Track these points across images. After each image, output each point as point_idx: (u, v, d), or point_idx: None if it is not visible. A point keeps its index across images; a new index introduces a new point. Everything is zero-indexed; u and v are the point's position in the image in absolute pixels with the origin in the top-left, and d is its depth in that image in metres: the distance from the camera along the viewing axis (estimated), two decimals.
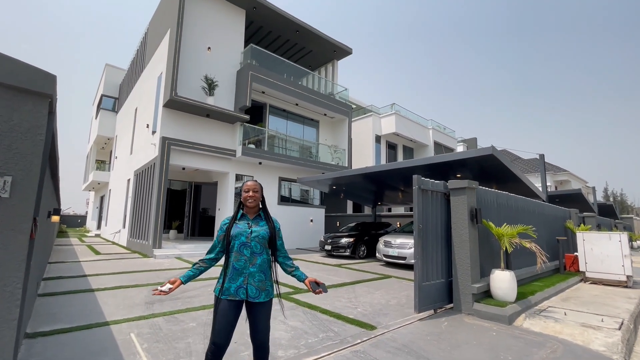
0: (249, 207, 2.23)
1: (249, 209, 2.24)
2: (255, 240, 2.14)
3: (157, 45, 13.06)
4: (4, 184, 1.35)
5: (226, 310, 2.04)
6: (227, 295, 2.06)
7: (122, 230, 14.47)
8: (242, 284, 2.08)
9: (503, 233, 4.75)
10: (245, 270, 2.09)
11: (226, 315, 2.04)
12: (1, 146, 1.36)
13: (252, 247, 2.12)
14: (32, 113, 1.45)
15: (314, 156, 15.31)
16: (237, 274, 2.09)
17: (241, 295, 2.07)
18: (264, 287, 2.13)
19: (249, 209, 2.25)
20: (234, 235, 2.13)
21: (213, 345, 2.03)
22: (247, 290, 2.08)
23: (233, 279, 2.09)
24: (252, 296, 2.08)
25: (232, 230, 2.15)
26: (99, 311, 4.27)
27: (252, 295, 2.08)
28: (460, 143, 27.50)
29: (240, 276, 2.09)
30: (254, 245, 2.13)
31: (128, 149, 15.78)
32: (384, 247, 9.47)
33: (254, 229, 2.17)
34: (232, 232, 2.14)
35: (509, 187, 10.12)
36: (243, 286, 2.08)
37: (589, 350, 3.42)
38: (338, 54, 16.87)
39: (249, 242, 2.13)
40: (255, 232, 2.15)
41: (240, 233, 2.14)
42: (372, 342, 3.44)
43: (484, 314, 4.35)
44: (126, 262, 8.74)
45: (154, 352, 3.02)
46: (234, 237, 2.13)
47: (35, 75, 1.46)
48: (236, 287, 2.07)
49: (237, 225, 2.18)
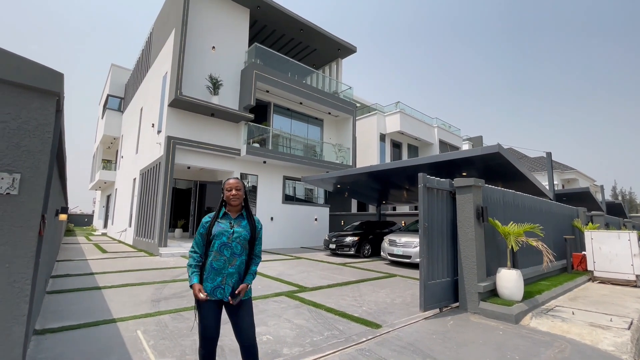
0: (232, 206, 2.19)
1: (231, 207, 2.19)
2: (237, 241, 2.10)
3: (162, 45, 13.13)
4: (12, 181, 1.37)
5: (207, 308, 2.03)
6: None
7: (128, 229, 14.60)
8: (220, 284, 2.05)
9: (510, 231, 4.70)
10: (224, 270, 2.06)
11: (210, 312, 2.03)
12: (10, 144, 1.38)
13: (233, 247, 2.09)
14: (39, 111, 1.46)
15: (319, 155, 15.30)
16: (215, 274, 2.06)
17: (218, 295, 2.04)
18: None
19: (232, 208, 2.20)
20: (215, 234, 2.09)
21: (203, 340, 2.03)
22: (224, 289, 2.05)
23: (210, 279, 2.05)
24: (229, 296, 2.05)
25: (214, 229, 2.10)
26: (106, 308, 4.32)
27: (230, 295, 2.06)
28: (465, 141, 27.27)
29: (218, 276, 2.06)
30: (235, 246, 2.09)
31: (134, 149, 15.91)
32: (389, 246, 9.44)
33: (235, 229, 2.12)
34: (214, 231, 2.10)
35: (515, 185, 10.02)
36: (221, 286, 2.05)
37: (597, 350, 3.37)
38: (342, 53, 16.83)
39: (230, 243, 2.09)
40: (237, 233, 2.11)
41: (222, 233, 2.09)
42: (378, 341, 3.43)
43: (490, 313, 4.31)
44: (132, 261, 8.82)
45: (160, 349, 3.05)
46: (214, 237, 2.08)
47: (43, 73, 1.47)
48: (213, 287, 2.04)
49: (219, 224, 2.13)
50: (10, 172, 1.37)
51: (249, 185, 13.19)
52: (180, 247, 10.63)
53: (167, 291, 5.38)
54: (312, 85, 15.13)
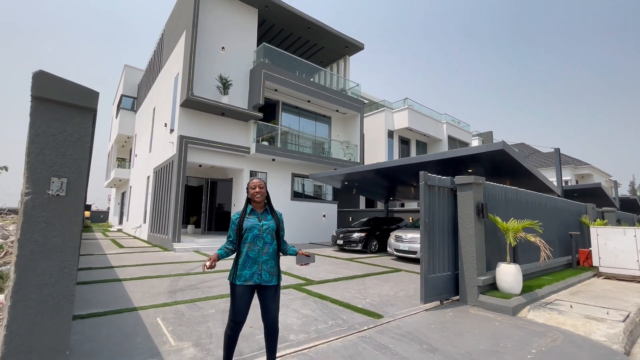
0: (257, 202, 2.49)
1: (256, 204, 2.50)
2: (266, 232, 2.41)
3: (173, 47, 13.49)
4: (61, 184, 1.64)
5: (242, 293, 2.32)
6: (243, 280, 2.32)
7: (142, 225, 15.14)
8: (257, 271, 2.34)
9: (508, 227, 4.85)
10: (259, 258, 2.36)
11: (243, 297, 2.31)
12: (58, 153, 1.64)
13: (264, 237, 2.40)
14: (80, 124, 1.73)
15: (326, 152, 15.51)
16: (251, 262, 2.35)
17: (256, 280, 2.33)
18: (274, 272, 2.40)
19: (257, 204, 2.51)
20: (246, 228, 2.39)
21: (233, 322, 2.31)
22: (261, 275, 2.34)
23: (248, 267, 2.35)
24: (265, 280, 2.35)
25: (244, 224, 2.41)
26: (128, 298, 4.66)
27: (266, 279, 2.35)
28: (475, 137, 27.02)
29: (255, 264, 2.35)
30: (265, 236, 2.40)
31: (147, 147, 16.40)
32: (395, 242, 9.63)
33: (264, 222, 2.44)
34: (245, 226, 2.40)
35: (522, 181, 10.06)
36: (258, 272, 2.34)
37: (589, 340, 3.53)
38: (350, 50, 16.93)
39: (261, 234, 2.39)
40: (266, 225, 2.43)
41: (253, 226, 2.40)
42: (378, 329, 3.66)
43: (489, 305, 4.49)
44: (148, 255, 9.24)
45: (179, 334, 3.35)
46: (246, 230, 2.39)
47: (83, 93, 1.73)
48: (251, 273, 2.34)
49: (248, 219, 2.44)
50: (59, 177, 1.64)
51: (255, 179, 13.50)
52: (193, 242, 11.03)
53: (182, 283, 5.71)
54: (320, 83, 15.30)
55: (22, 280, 1.51)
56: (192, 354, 2.90)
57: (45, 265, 1.57)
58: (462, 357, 3.01)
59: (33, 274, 1.54)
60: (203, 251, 10.29)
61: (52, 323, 1.57)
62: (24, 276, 1.52)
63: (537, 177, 8.92)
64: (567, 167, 33.22)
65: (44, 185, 1.60)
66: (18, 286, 1.50)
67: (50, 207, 1.61)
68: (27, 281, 1.52)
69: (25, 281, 1.52)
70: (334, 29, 15.34)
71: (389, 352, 3.07)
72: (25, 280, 1.52)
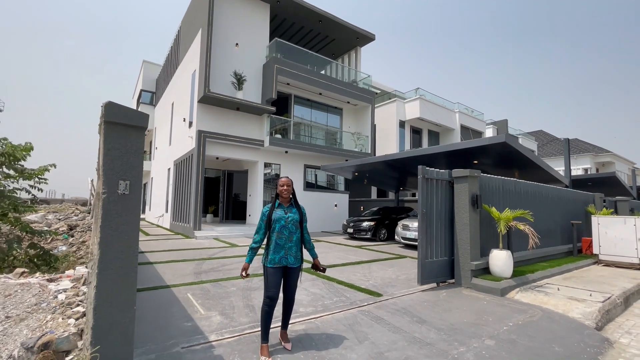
0: (284, 198, 2.96)
1: (283, 199, 2.96)
2: (291, 223, 2.90)
3: (189, 44, 14.07)
4: (126, 185, 2.21)
5: (273, 273, 2.86)
6: (273, 264, 2.86)
7: (165, 215, 16.12)
8: (284, 255, 2.89)
9: (500, 217, 5.24)
10: (286, 245, 2.89)
11: (274, 277, 2.86)
12: (123, 162, 2.21)
13: (289, 227, 2.89)
14: (136, 140, 2.29)
15: (338, 144, 15.93)
16: (280, 248, 2.88)
17: (283, 263, 2.88)
18: (298, 256, 2.96)
19: (284, 199, 2.96)
20: (274, 220, 2.87)
21: (267, 298, 2.84)
22: (287, 259, 2.89)
23: (277, 252, 2.88)
24: (291, 263, 2.90)
25: (273, 216, 2.89)
26: (161, 278, 5.37)
27: (291, 262, 2.90)
28: (489, 126, 26.69)
29: (282, 249, 2.89)
30: (290, 227, 2.89)
31: (167, 141, 17.26)
32: (402, 230, 10.08)
33: (289, 215, 2.91)
34: (273, 217, 2.88)
35: (529, 172, 10.24)
36: (285, 257, 2.89)
37: (565, 317, 3.96)
38: (361, 41, 17.06)
39: (287, 225, 2.88)
40: (291, 217, 2.91)
41: (280, 218, 2.88)
42: (377, 305, 4.20)
43: (481, 287, 4.94)
44: (172, 242, 10.06)
45: (207, 306, 3.99)
46: (274, 221, 2.87)
47: (137, 116, 2.29)
48: (279, 257, 2.88)
49: (276, 212, 2.91)
50: (124, 180, 2.21)
51: (272, 173, 14.14)
52: (213, 230, 11.82)
53: (206, 266, 6.41)
54: (331, 76, 15.62)
55: (104, 255, 2.11)
56: (219, 321, 3.53)
57: (118, 245, 2.16)
58: (446, 327, 3.52)
59: (110, 250, 2.13)
60: (222, 238, 11.06)
61: (124, 285, 2.17)
62: (105, 252, 2.11)
63: (542, 168, 9.11)
64: (587, 155, 32.33)
65: (114, 187, 2.17)
66: (102, 259, 2.09)
67: (119, 203, 2.18)
68: (107, 256, 2.12)
69: (106, 255, 2.11)
70: (344, 21, 15.51)
71: (383, 322, 3.61)
72: (106, 255, 2.11)
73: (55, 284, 2.90)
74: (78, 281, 3.03)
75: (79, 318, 2.42)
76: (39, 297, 2.57)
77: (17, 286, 2.65)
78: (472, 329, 3.49)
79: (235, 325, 3.42)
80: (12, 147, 4.59)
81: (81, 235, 7.37)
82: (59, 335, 2.21)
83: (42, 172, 5.12)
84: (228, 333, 3.21)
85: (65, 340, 2.22)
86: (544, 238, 6.96)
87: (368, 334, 3.28)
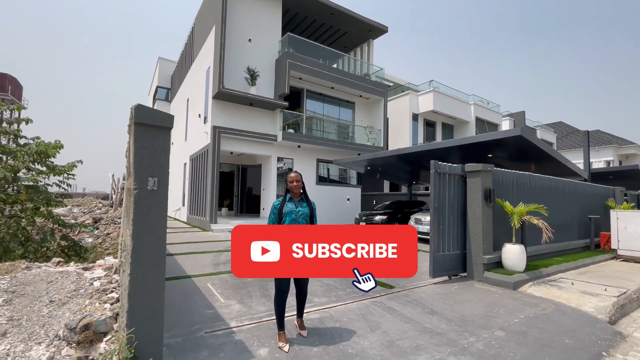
0: (294, 193, 3.05)
1: (294, 194, 3.06)
2: (301, 217, 2.97)
3: (203, 41, 14.30)
4: (154, 182, 2.39)
5: None
6: None
7: (182, 208, 16.60)
8: None
9: (513, 211, 5.24)
10: None
11: None
12: (151, 160, 2.39)
13: (299, 221, 2.96)
14: (163, 139, 2.46)
15: (350, 137, 15.95)
16: None
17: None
18: None
19: (294, 194, 3.06)
20: (285, 213, 2.96)
21: (279, 291, 2.98)
22: None
23: None
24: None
25: (284, 209, 2.98)
26: (181, 269, 5.64)
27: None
28: (506, 118, 26.05)
29: None
30: (300, 220, 2.96)
31: (183, 136, 17.67)
32: (415, 224, 10.12)
33: (299, 209, 2.99)
34: (284, 211, 2.97)
35: (546, 165, 10.05)
36: None
37: (577, 311, 3.98)
38: (373, 34, 16.90)
39: (297, 219, 2.95)
40: (301, 211, 2.98)
41: (291, 211, 2.96)
42: (389, 297, 4.32)
43: (493, 281, 4.99)
44: (190, 235, 10.42)
45: (226, 295, 4.20)
46: (285, 215, 2.96)
47: (164, 117, 2.45)
48: None
49: (287, 206, 3.00)
50: (153, 177, 2.39)
51: (285, 167, 14.33)
52: (228, 223, 12.13)
53: (223, 258, 6.66)
54: (344, 70, 15.58)
55: (137, 246, 2.30)
56: (238, 309, 3.73)
57: (148, 237, 2.35)
58: (457, 318, 3.61)
59: (142, 242, 2.33)
60: None
61: (154, 273, 2.37)
62: (137, 244, 2.31)
63: (560, 161, 8.94)
64: (610, 147, 31.19)
65: (144, 183, 2.35)
66: (134, 250, 2.29)
67: (149, 198, 2.37)
68: (139, 247, 2.31)
69: (138, 246, 2.31)
70: (356, 14, 15.40)
71: (395, 312, 3.73)
72: (138, 246, 2.31)
73: (90, 273, 3.16)
74: (110, 270, 3.28)
75: (113, 303, 2.65)
76: (77, 284, 2.81)
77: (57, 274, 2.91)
78: (483, 321, 3.57)
79: (254, 313, 3.61)
80: (44, 145, 4.90)
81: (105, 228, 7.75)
82: (97, 318, 2.43)
83: (70, 169, 5.43)
84: (247, 320, 3.40)
85: (103, 323, 2.44)
86: (559, 232, 6.90)
87: (380, 324, 3.41)
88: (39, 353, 2.15)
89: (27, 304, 2.51)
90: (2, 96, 32.66)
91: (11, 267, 2.87)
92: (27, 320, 2.39)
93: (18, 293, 2.58)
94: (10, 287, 2.59)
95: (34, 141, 4.94)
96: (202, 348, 2.77)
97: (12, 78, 37.25)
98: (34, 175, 5.03)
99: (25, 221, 4.79)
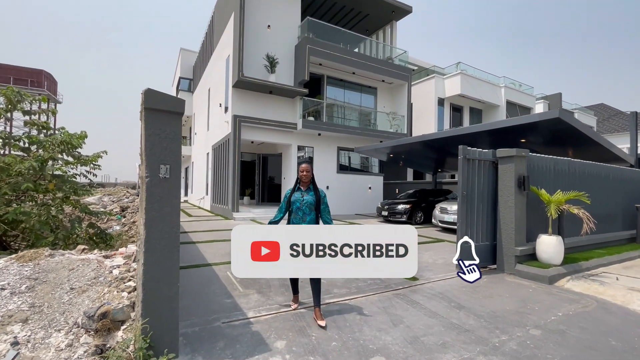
0: (304, 182, 3.24)
1: (303, 183, 3.25)
2: (306, 205, 3.18)
3: (222, 29, 14.22)
4: (166, 169, 2.31)
5: None
6: None
7: (205, 197, 16.98)
8: None
9: (550, 199, 4.82)
10: (300, 224, 3.12)
11: None
12: (162, 147, 2.30)
13: (304, 209, 3.17)
14: (175, 125, 2.36)
15: (372, 124, 15.53)
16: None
17: None
18: None
19: (304, 183, 3.25)
20: (292, 201, 3.22)
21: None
22: None
23: None
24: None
25: (292, 197, 3.24)
26: (202, 257, 5.70)
27: None
28: (540, 101, 24.45)
29: None
30: (304, 208, 3.18)
31: (205, 126, 17.92)
32: (440, 214, 9.74)
33: (305, 197, 3.20)
34: (292, 199, 3.23)
35: (586, 150, 9.29)
36: None
37: (624, 309, 3.61)
38: (397, 15, 16.15)
39: (302, 207, 3.18)
40: (306, 200, 3.19)
41: (297, 200, 3.21)
42: (412, 289, 4.13)
43: (525, 274, 4.66)
44: (213, 223, 10.61)
45: (245, 284, 4.17)
46: (292, 203, 3.21)
47: (175, 102, 2.35)
48: None
49: (295, 194, 3.26)
50: (165, 164, 2.31)
51: (306, 156, 14.20)
52: (250, 212, 12.26)
53: None
54: (365, 54, 15.06)
55: (149, 235, 2.25)
56: (257, 299, 3.68)
57: (161, 225, 2.29)
58: (486, 314, 3.37)
59: (155, 231, 2.27)
60: (259, 220, 11.44)
61: (168, 262, 2.31)
62: (150, 233, 2.25)
63: (603, 145, 8.20)
64: None
65: (156, 171, 2.28)
66: (147, 238, 2.24)
67: (161, 186, 2.29)
68: (152, 236, 2.26)
69: (151, 235, 2.25)
70: None
71: (419, 306, 3.55)
72: (151, 235, 2.25)
73: (110, 260, 3.19)
74: (129, 258, 3.30)
75: (131, 292, 2.64)
76: (97, 272, 2.84)
77: (79, 261, 2.95)
78: (516, 317, 3.31)
79: (272, 303, 3.54)
80: (69, 136, 5.02)
81: (132, 216, 8.00)
82: (115, 307, 2.43)
83: (95, 159, 5.57)
84: (265, 310, 3.34)
85: (120, 311, 2.43)
86: (601, 223, 6.34)
87: (403, 318, 3.24)
88: (58, 340, 2.17)
89: (48, 291, 2.55)
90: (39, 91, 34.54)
91: (35, 254, 2.95)
92: (48, 307, 2.43)
93: (40, 280, 2.64)
94: (34, 274, 2.65)
95: (59, 132, 5.08)
96: (218, 339, 2.73)
97: (48, 74, 39.24)
98: (62, 165, 5.19)
99: (55, 210, 4.97)
